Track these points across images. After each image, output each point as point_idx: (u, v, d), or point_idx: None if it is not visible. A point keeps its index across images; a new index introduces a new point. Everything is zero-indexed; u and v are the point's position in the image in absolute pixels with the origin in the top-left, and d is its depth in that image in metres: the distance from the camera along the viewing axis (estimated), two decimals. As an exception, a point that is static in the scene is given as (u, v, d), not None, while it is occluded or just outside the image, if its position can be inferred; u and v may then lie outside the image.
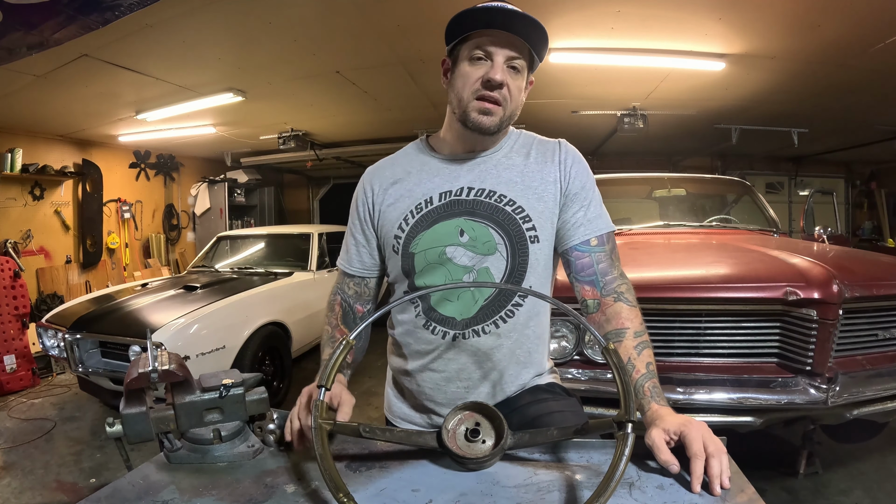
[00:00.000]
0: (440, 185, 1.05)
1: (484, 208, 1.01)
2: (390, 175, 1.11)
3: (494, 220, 1.01)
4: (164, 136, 5.80)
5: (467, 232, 1.01)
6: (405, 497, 0.73)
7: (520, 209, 1.01)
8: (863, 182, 8.43)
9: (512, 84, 0.97)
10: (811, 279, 1.87)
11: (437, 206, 1.03)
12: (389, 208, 1.07)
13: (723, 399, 1.83)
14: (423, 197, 1.04)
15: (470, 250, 1.01)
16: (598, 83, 4.33)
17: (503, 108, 0.98)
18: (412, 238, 1.03)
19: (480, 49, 0.96)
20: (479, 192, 1.02)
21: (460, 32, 0.97)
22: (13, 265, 3.92)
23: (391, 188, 1.09)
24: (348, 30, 3.22)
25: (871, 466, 2.47)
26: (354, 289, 1.17)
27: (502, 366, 1.06)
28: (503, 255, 1.01)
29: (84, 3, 2.26)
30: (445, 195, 1.03)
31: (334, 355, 0.81)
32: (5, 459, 2.75)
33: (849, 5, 2.81)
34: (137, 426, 0.79)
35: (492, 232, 1.01)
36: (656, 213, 3.63)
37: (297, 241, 4.84)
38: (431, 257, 1.02)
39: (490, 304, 1.03)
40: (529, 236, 1.01)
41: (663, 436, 0.77)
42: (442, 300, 1.03)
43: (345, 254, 1.19)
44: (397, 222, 1.05)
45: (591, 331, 0.81)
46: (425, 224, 1.03)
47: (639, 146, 6.88)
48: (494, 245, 1.01)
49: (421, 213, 1.03)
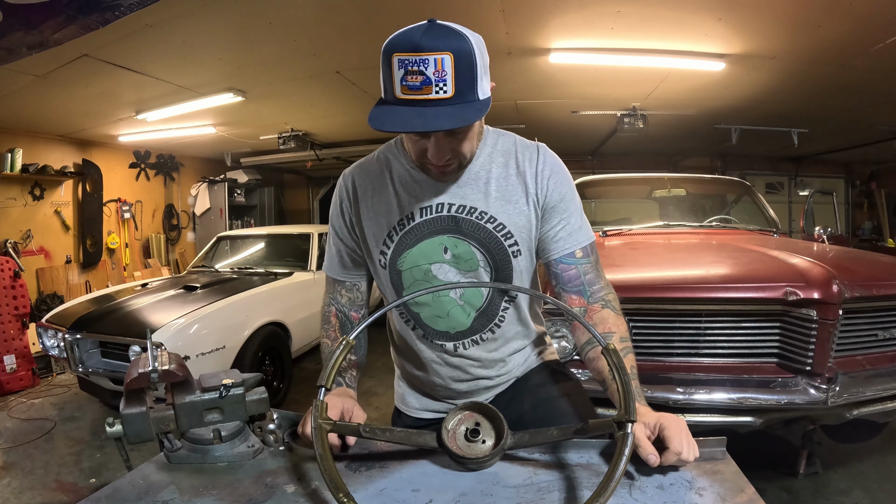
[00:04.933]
0: (420, 199, 1.01)
1: (466, 226, 1.00)
2: (369, 183, 1.06)
3: (476, 238, 1.00)
4: (164, 136, 5.80)
5: (451, 249, 1.01)
6: (405, 497, 0.73)
7: (501, 226, 1.00)
8: (863, 182, 8.43)
9: (460, 146, 0.91)
10: (811, 279, 1.87)
11: (420, 222, 1.01)
12: (371, 222, 1.05)
13: (723, 399, 1.83)
14: (403, 213, 1.02)
15: (454, 267, 1.02)
16: (598, 83, 4.33)
17: (459, 162, 0.94)
18: (398, 255, 1.03)
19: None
20: (460, 208, 1.00)
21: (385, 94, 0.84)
22: (13, 265, 3.92)
23: (371, 199, 1.05)
24: (348, 30, 3.22)
25: (871, 466, 2.47)
26: (347, 295, 1.17)
27: (504, 358, 1.11)
28: (486, 270, 1.02)
29: (84, 3, 2.27)
30: (427, 210, 1.01)
31: (335, 355, 0.81)
32: (5, 459, 2.75)
33: (849, 5, 2.81)
34: (137, 426, 0.79)
35: (474, 250, 1.01)
36: (656, 213, 3.63)
37: (298, 241, 4.83)
38: (418, 275, 1.03)
39: (481, 315, 1.05)
40: (512, 251, 1.01)
41: (644, 430, 0.79)
42: (433, 317, 1.05)
43: (331, 261, 1.16)
44: (381, 238, 1.04)
45: (590, 329, 0.81)
46: (410, 241, 1.02)
47: (639, 146, 6.88)
48: (477, 262, 1.01)
49: (405, 230, 1.02)
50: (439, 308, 1.04)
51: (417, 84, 0.78)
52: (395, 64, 0.79)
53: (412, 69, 0.78)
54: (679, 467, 0.78)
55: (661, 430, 0.78)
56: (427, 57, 0.77)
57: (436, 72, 0.78)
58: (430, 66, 0.78)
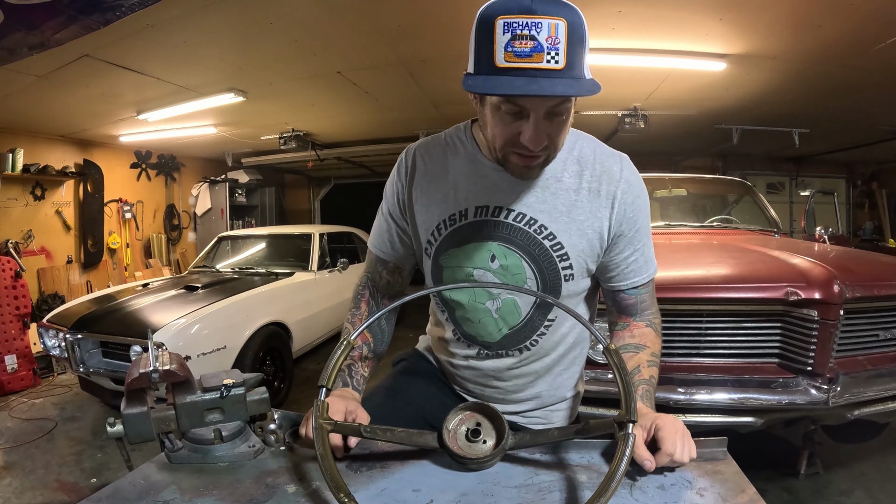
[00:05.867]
0: (478, 195, 0.93)
1: (520, 237, 0.92)
2: (430, 166, 0.98)
3: (529, 252, 0.93)
4: (165, 136, 5.80)
5: (499, 258, 0.94)
6: (406, 497, 0.73)
7: (559, 245, 0.92)
8: (864, 182, 8.41)
9: (557, 131, 0.80)
10: (812, 279, 1.87)
11: (472, 221, 0.94)
12: (423, 208, 0.98)
13: (724, 399, 1.82)
14: (457, 207, 0.95)
15: (500, 278, 0.95)
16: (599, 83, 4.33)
17: (548, 154, 0.84)
18: (443, 251, 0.97)
19: (510, 102, 0.76)
20: (519, 216, 0.92)
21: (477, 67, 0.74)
22: (14, 265, 3.92)
23: (428, 184, 0.98)
24: (349, 30, 3.22)
25: (872, 467, 2.47)
26: (387, 278, 1.11)
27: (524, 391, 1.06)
28: (533, 288, 0.95)
29: (85, 3, 2.27)
30: (483, 211, 0.93)
31: (335, 356, 0.81)
32: (6, 459, 2.75)
33: (850, 5, 2.81)
34: (138, 426, 0.79)
35: (524, 264, 0.93)
36: (657, 213, 3.62)
37: (298, 241, 4.84)
38: (459, 276, 0.97)
39: (514, 334, 0.99)
40: (564, 275, 0.94)
41: (641, 433, 0.78)
42: (465, 319, 1.01)
43: (380, 237, 1.07)
44: (430, 228, 0.98)
45: (592, 331, 0.81)
46: (457, 240, 0.95)
47: (640, 146, 6.86)
48: (524, 278, 0.94)
49: (454, 226, 0.95)
50: (473, 313, 0.99)
51: (527, 50, 0.69)
52: (500, 28, 0.69)
53: (522, 33, 0.69)
54: (679, 468, 0.78)
55: (656, 431, 0.78)
56: (541, 20, 0.69)
57: (549, 38, 0.69)
58: (544, 30, 0.69)
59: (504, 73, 0.71)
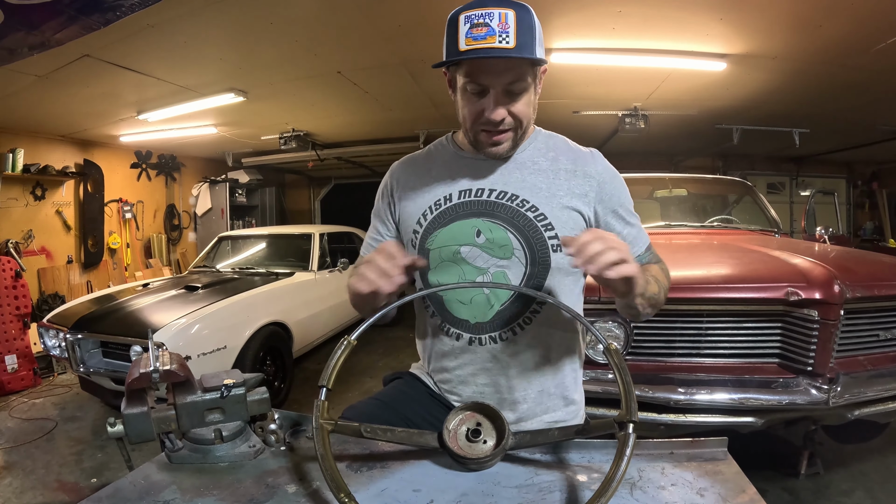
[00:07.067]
0: (461, 182, 1.03)
1: (503, 211, 0.99)
2: (412, 170, 1.10)
3: (514, 224, 0.98)
4: (165, 136, 5.80)
5: (484, 233, 0.99)
6: (406, 497, 0.73)
7: (542, 216, 0.98)
8: (864, 182, 8.41)
9: (516, 108, 0.93)
10: (813, 280, 1.87)
11: (456, 203, 1.01)
12: (409, 203, 1.06)
13: (724, 399, 1.82)
14: (442, 193, 1.03)
15: (486, 252, 0.99)
16: (600, 83, 4.33)
17: (513, 131, 0.96)
18: (429, 234, 1.02)
19: (473, 82, 0.91)
20: (501, 194, 1.00)
21: (447, 55, 0.91)
22: (14, 265, 3.92)
23: (413, 182, 1.07)
24: (349, 30, 3.22)
25: (873, 467, 2.47)
26: None
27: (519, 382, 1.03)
28: (521, 260, 0.99)
29: (85, 3, 2.27)
30: (466, 193, 1.01)
31: (335, 356, 0.81)
32: (7, 459, 2.75)
33: (850, 5, 2.81)
34: (139, 426, 0.79)
35: (510, 236, 0.98)
36: (658, 213, 3.62)
37: (299, 241, 4.84)
38: (446, 255, 1.01)
39: (506, 309, 1.00)
40: (552, 244, 0.98)
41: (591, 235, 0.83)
42: (454, 301, 1.02)
43: (369, 248, 1.14)
44: (416, 217, 1.04)
45: (594, 332, 0.81)
46: (442, 221, 1.01)
47: (640, 146, 6.87)
48: (511, 249, 0.99)
49: (439, 210, 1.02)
50: (463, 292, 1.01)
51: (482, 34, 0.85)
52: (462, 21, 0.86)
53: (477, 22, 0.85)
54: (679, 467, 0.78)
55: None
56: (492, 10, 0.85)
57: (499, 24, 0.84)
58: (495, 18, 0.85)
59: (465, 55, 0.87)
